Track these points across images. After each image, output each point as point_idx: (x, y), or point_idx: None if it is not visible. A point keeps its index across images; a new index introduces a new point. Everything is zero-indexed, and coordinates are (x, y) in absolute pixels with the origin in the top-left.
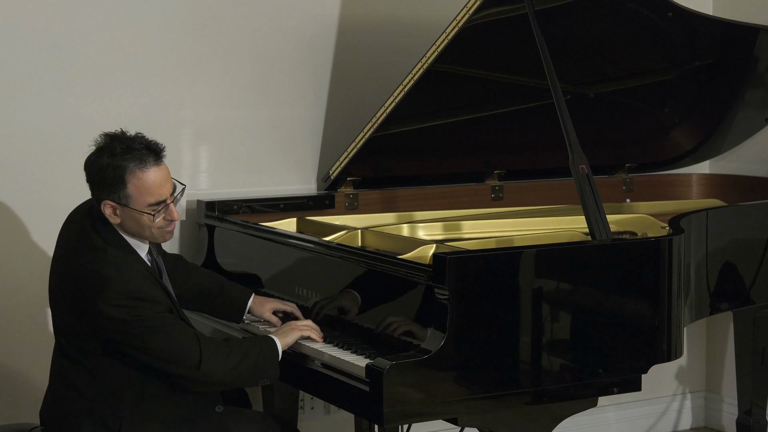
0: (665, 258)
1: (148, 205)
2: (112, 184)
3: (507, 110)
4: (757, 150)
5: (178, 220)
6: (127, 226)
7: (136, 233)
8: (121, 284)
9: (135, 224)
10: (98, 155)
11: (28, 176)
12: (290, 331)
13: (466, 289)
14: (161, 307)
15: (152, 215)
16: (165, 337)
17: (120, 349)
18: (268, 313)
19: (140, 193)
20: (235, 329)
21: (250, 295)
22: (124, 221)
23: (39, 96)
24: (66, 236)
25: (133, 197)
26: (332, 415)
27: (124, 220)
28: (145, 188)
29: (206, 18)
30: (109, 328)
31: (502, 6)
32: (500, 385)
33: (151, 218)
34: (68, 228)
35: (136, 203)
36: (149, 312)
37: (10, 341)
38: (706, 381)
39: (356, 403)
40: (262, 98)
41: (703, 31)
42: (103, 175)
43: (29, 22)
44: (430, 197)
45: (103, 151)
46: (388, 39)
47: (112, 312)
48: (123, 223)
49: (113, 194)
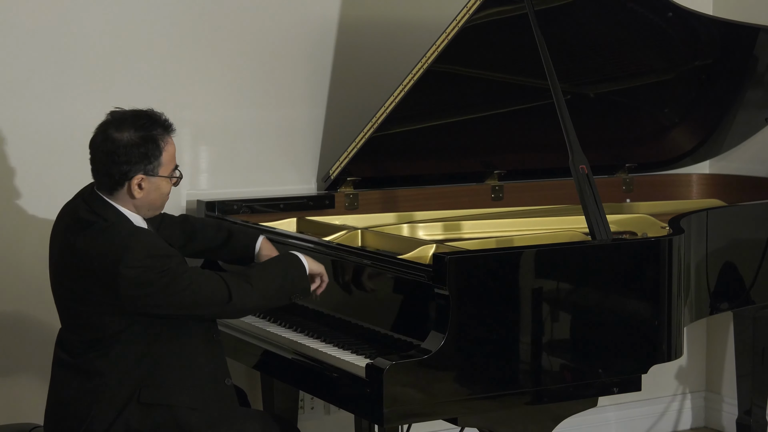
0: (665, 258)
1: (172, 170)
2: (149, 154)
3: (507, 110)
4: (757, 150)
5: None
6: (148, 198)
7: (151, 205)
8: (138, 245)
9: (156, 194)
10: (118, 131)
11: (28, 176)
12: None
13: (466, 289)
14: (177, 259)
15: (175, 180)
16: (191, 284)
17: (149, 312)
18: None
19: (169, 160)
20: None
21: (258, 238)
22: (147, 194)
23: (39, 96)
24: (63, 230)
25: (163, 165)
26: (332, 415)
27: (147, 193)
28: (171, 155)
29: (206, 18)
30: (134, 295)
31: (502, 6)
32: (500, 385)
33: (170, 183)
34: (63, 223)
35: (165, 170)
36: (168, 265)
37: (10, 341)
38: (706, 381)
39: (356, 403)
40: (262, 98)
41: (703, 31)
42: (133, 148)
43: (29, 23)
44: (430, 197)
45: (122, 127)
46: (388, 39)
47: (135, 273)
48: (144, 197)
49: (148, 165)
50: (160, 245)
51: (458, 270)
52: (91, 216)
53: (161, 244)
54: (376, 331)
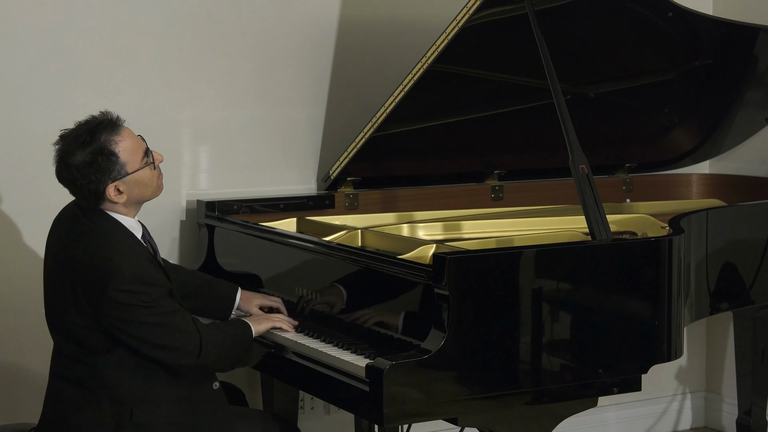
0: (665, 258)
1: (141, 159)
2: (106, 165)
3: (507, 110)
4: (757, 150)
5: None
6: (134, 195)
7: (142, 197)
8: (130, 268)
9: (141, 187)
10: (69, 157)
11: (28, 176)
12: (264, 320)
13: (466, 289)
14: (164, 291)
15: (151, 165)
16: (168, 328)
17: (120, 338)
18: (255, 308)
19: (131, 153)
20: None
21: (237, 290)
22: (130, 192)
23: (39, 96)
24: (59, 236)
25: (128, 162)
26: (332, 415)
27: (130, 192)
28: (130, 147)
29: (206, 18)
30: (113, 316)
31: (502, 6)
32: (500, 385)
33: (151, 168)
34: (59, 229)
35: (133, 165)
36: (154, 297)
37: (10, 341)
38: (706, 381)
39: (356, 403)
40: (262, 98)
41: (703, 31)
42: (90, 167)
43: (29, 22)
44: (430, 197)
45: (71, 151)
46: (388, 39)
47: (120, 297)
48: (129, 197)
49: (112, 173)
50: (150, 272)
51: (458, 270)
52: (86, 224)
53: (151, 270)
54: (376, 331)
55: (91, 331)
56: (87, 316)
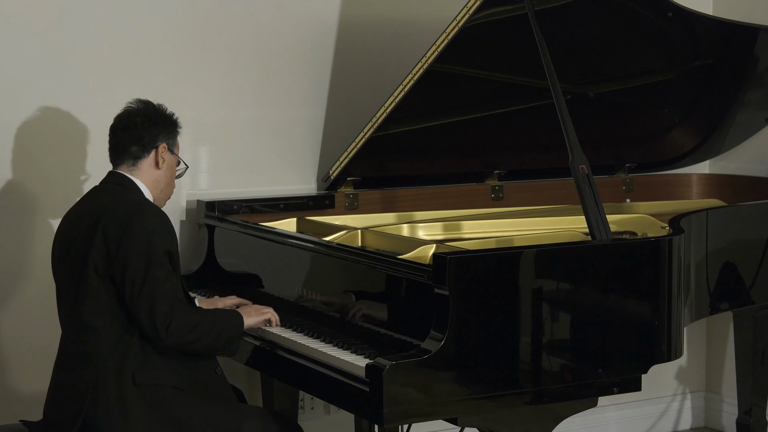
0: (665, 258)
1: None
2: (171, 131)
3: (507, 110)
4: (757, 150)
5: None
6: (163, 176)
7: (162, 187)
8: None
9: (170, 174)
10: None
11: (28, 176)
12: (255, 313)
13: (466, 289)
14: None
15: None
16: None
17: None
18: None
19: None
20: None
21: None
22: (164, 171)
23: (39, 96)
24: (74, 216)
25: (177, 145)
26: (332, 415)
27: (163, 170)
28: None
29: (206, 18)
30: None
31: (502, 6)
32: (500, 385)
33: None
34: (72, 215)
35: (178, 153)
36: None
37: (11, 341)
38: (706, 381)
39: (356, 403)
40: (262, 98)
41: (703, 31)
42: (162, 122)
43: (29, 22)
44: (430, 197)
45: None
46: (388, 39)
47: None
48: (164, 172)
49: (169, 140)
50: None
51: (458, 270)
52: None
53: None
54: (376, 331)
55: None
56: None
